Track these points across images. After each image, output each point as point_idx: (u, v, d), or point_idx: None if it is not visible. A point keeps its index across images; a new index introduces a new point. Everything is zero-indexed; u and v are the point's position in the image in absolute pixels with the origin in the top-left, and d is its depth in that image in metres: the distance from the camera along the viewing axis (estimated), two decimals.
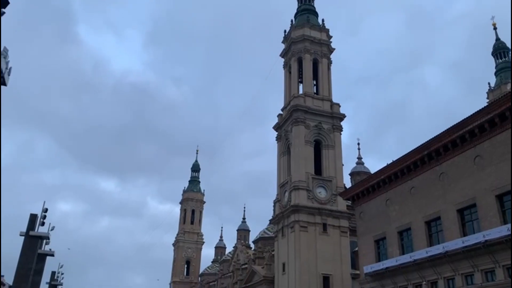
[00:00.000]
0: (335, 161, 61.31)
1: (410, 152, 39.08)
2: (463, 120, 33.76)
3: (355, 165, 78.09)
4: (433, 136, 36.56)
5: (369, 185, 44.76)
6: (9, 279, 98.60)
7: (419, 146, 38.01)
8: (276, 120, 68.10)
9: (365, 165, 77.49)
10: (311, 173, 59.54)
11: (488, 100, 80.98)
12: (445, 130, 35.34)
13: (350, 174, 76.81)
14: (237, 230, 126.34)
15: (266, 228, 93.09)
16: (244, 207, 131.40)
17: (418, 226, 37.93)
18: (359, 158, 78.32)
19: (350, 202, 52.39)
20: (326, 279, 54.69)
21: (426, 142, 37.25)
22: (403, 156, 39.83)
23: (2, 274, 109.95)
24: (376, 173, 44.29)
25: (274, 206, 65.93)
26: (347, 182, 70.58)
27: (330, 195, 59.01)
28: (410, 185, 39.76)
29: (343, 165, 62.36)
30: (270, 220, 69.93)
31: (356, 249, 51.30)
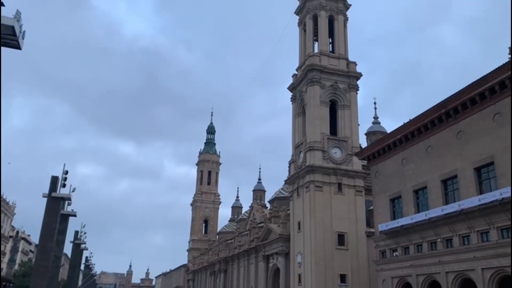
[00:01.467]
0: (351, 121, 60.80)
1: (427, 110, 38.48)
2: (483, 76, 32.88)
3: (370, 125, 77.45)
4: (451, 94, 35.82)
5: (385, 145, 44.54)
6: (35, 238, 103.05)
7: (436, 104, 37.35)
8: (290, 81, 67.30)
9: (381, 124, 76.81)
10: (326, 134, 59.31)
11: (510, 56, 78.20)
12: (464, 88, 34.55)
13: (366, 134, 76.34)
14: (253, 191, 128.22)
15: (282, 189, 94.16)
16: (260, 168, 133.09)
17: (434, 185, 37.88)
18: (375, 117, 77.53)
19: (365, 162, 52.38)
20: (341, 237, 55.57)
21: (444, 100, 36.55)
22: (420, 114, 39.27)
23: (28, 233, 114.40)
24: (392, 132, 43.93)
25: (289, 167, 66.24)
26: (363, 142, 70.37)
27: (346, 155, 58.95)
28: (426, 144, 39.40)
29: (359, 125, 62.00)
30: (285, 181, 70.72)
31: (371, 208, 51.74)
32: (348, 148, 59.38)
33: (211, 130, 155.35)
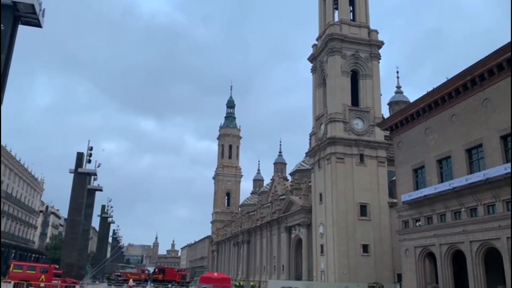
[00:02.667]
0: (373, 91, 59.79)
1: (451, 78, 37.42)
2: (511, 42, 31.61)
3: (392, 95, 76.07)
4: (476, 61, 34.67)
5: (408, 114, 43.72)
6: (64, 212, 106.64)
7: (461, 72, 36.24)
8: (310, 52, 66.21)
9: (403, 94, 75.36)
10: (348, 105, 58.59)
11: None
12: (491, 54, 33.34)
13: (388, 104, 75.14)
14: (274, 164, 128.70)
15: (302, 161, 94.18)
16: (280, 141, 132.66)
17: (458, 154, 37.22)
18: (398, 87, 76.02)
19: (388, 132, 51.70)
20: (363, 208, 55.65)
21: (469, 67, 35.41)
22: (444, 82, 38.24)
23: (57, 208, 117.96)
24: (415, 101, 43.03)
25: (310, 139, 66.02)
26: (385, 112, 69.43)
27: (368, 126, 58.34)
28: (450, 113, 38.53)
29: (381, 95, 60.91)
30: (306, 153, 70.64)
31: (394, 178, 51.38)
32: (370, 118, 58.68)
33: (231, 104, 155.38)
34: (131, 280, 44.78)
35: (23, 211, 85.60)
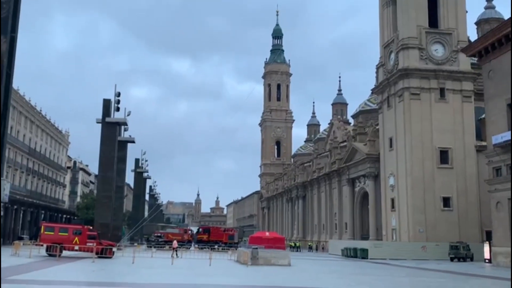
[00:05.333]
0: (456, 7, 57.38)
1: None
2: None
3: (482, 11, 72.07)
4: None
5: (501, 35, 41.29)
6: (93, 168, 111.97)
7: None
8: None
9: (496, 10, 71.12)
10: (425, 26, 56.66)
11: None
12: None
13: (476, 24, 71.75)
14: (332, 104, 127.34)
15: (368, 100, 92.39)
16: (340, 77, 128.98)
17: None
18: (488, 0, 71.57)
19: (475, 59, 49.44)
20: (444, 154, 54.75)
21: None
22: None
23: (86, 164, 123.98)
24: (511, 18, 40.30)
25: (376, 72, 64.49)
26: (472, 34, 66.23)
27: (450, 53, 56.54)
28: None
29: (466, 12, 58.30)
30: (372, 90, 69.03)
31: (483, 116, 49.68)
32: (453, 43, 56.68)
33: (277, 34, 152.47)
34: (175, 241, 46.91)
35: (50, 167, 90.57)
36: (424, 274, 31.16)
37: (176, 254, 41.98)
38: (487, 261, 43.84)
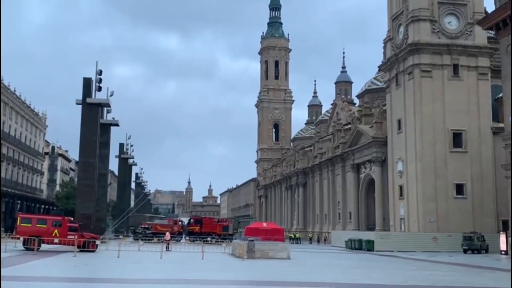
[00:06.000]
0: None
1: None
2: None
3: None
4: None
5: None
6: (74, 154, 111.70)
7: None
8: None
9: None
10: None
11: None
12: None
13: None
14: (335, 83, 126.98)
15: (374, 78, 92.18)
16: (344, 53, 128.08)
17: None
18: None
19: (492, 32, 49.16)
20: (457, 136, 54.79)
21: None
22: None
23: (65, 149, 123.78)
24: None
25: (384, 47, 64.20)
26: (489, 4, 65.61)
27: (464, 25, 56.31)
28: None
29: None
30: (379, 67, 68.96)
31: (500, 95, 49.62)
32: (468, 14, 56.39)
33: (275, 5, 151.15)
34: (168, 233, 47.08)
35: (25, 153, 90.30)
36: (435, 267, 31.35)
37: (167, 247, 42.16)
38: (503, 253, 44.17)
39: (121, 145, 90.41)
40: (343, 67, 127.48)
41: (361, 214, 72.26)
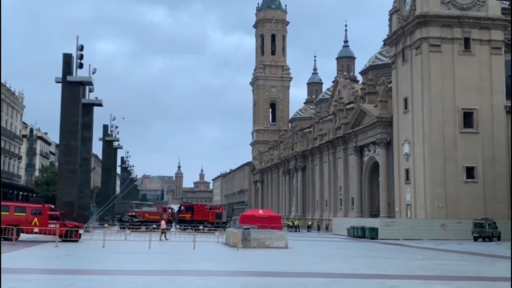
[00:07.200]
0: None
1: None
2: None
3: None
4: None
5: None
6: (54, 136, 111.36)
7: None
8: None
9: None
10: None
11: None
12: None
13: None
14: (337, 59, 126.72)
15: (379, 53, 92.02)
16: (346, 25, 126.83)
17: None
18: None
19: (507, 3, 49.06)
20: (468, 116, 54.88)
21: None
22: None
23: (45, 132, 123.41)
24: None
25: (389, 19, 64.03)
26: None
27: None
28: None
29: None
30: (384, 41, 68.57)
31: None
32: None
33: None
34: (163, 221, 47.40)
35: (1, 136, 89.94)
36: (444, 256, 31.59)
37: (165, 237, 42.61)
38: None
39: (105, 127, 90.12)
40: (345, 42, 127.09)
41: (364, 200, 72.54)
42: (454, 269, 24.03)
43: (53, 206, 42.32)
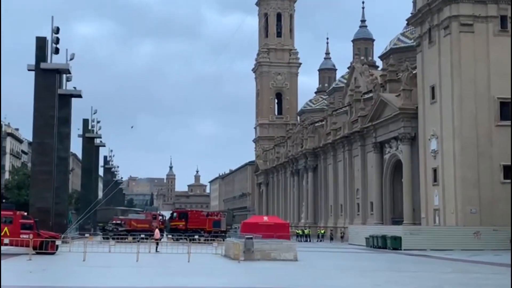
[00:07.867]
0: None
1: None
2: None
3: None
4: None
5: None
6: (26, 133, 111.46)
7: None
8: None
9: None
10: None
11: None
12: None
13: None
14: (353, 41, 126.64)
15: (402, 34, 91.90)
16: (363, 2, 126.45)
17: None
18: None
19: None
20: (504, 106, 54.64)
21: None
22: None
23: (16, 127, 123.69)
24: None
25: None
26: None
27: None
28: None
29: None
30: (408, 20, 68.35)
31: None
32: None
33: None
34: (157, 230, 47.62)
35: None
36: (477, 269, 31.61)
37: (156, 248, 42.89)
38: None
39: (85, 122, 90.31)
40: (363, 21, 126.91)
41: (385, 205, 72.44)
42: (488, 283, 24.05)
43: (25, 214, 42.43)
